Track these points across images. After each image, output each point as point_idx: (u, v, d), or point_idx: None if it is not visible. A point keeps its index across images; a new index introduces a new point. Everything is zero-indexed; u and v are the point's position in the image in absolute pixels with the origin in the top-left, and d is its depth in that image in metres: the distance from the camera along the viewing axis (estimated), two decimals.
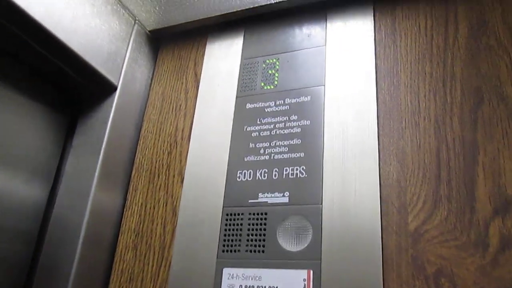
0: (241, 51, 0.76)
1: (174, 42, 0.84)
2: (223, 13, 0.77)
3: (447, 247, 0.52)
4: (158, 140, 0.75)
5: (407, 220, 0.55)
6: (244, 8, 0.76)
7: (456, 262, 0.51)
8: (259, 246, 0.60)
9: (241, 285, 0.59)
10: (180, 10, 0.78)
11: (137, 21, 0.80)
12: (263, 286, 0.58)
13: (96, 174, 0.68)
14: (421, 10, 0.67)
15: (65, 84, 0.73)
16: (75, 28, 0.66)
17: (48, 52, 0.65)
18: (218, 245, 0.63)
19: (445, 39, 0.64)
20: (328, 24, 0.72)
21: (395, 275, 0.53)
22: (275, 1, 0.73)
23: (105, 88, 0.73)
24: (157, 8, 0.78)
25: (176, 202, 0.69)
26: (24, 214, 0.66)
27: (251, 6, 0.75)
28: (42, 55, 0.66)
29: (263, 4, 0.74)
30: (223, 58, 0.77)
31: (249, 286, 0.58)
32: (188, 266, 0.63)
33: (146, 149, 0.76)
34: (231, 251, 0.62)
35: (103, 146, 0.70)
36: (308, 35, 0.73)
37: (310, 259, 0.57)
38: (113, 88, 0.73)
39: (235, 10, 0.76)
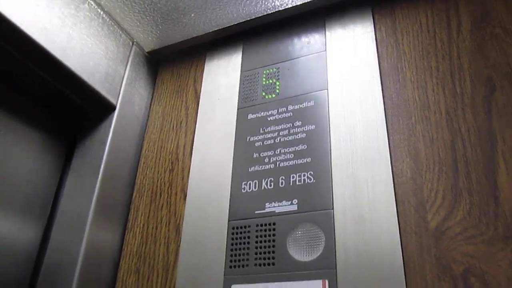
0: (240, 64, 0.75)
1: (173, 62, 0.83)
2: (220, 28, 0.76)
3: (473, 244, 0.48)
4: (159, 158, 0.72)
5: (426, 219, 0.51)
6: (241, 21, 0.75)
7: (485, 259, 0.47)
8: (269, 258, 0.56)
9: None
10: (178, 28, 0.77)
11: (135, 43, 0.80)
12: None
13: (95, 196, 0.65)
14: (421, 8, 0.66)
15: (62, 106, 0.72)
16: (71, 47, 0.65)
17: (43, 71, 0.64)
18: (225, 261, 0.58)
19: (449, 33, 0.62)
20: (327, 30, 0.71)
21: (418, 277, 0.48)
22: (272, 11, 0.73)
23: (103, 108, 0.71)
24: (155, 29, 0.77)
25: (180, 220, 0.65)
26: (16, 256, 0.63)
27: (248, 19, 0.74)
28: (37, 75, 0.65)
29: (260, 15, 0.74)
30: (223, 73, 0.75)
31: None
32: (194, 286, 0.58)
33: (147, 168, 0.73)
34: (239, 266, 0.57)
35: (102, 167, 0.67)
36: (308, 42, 0.71)
37: (324, 268, 0.52)
38: (112, 108, 0.72)
39: (232, 24, 0.76)
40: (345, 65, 0.66)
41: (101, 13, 0.73)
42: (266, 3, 0.72)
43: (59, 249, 0.63)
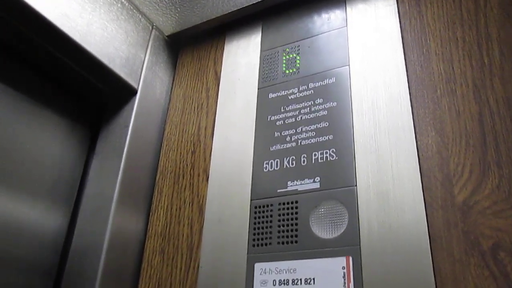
0: (260, 43, 0.74)
1: (192, 44, 0.83)
2: (239, 8, 0.75)
3: (503, 218, 0.46)
4: (181, 141, 0.73)
5: (453, 193, 0.49)
6: (260, 0, 0.74)
7: None
8: (292, 236, 0.56)
9: (275, 280, 0.54)
10: (197, 11, 0.77)
11: (154, 27, 0.80)
12: (299, 279, 0.53)
13: (119, 179, 0.66)
14: None
15: (85, 91, 0.73)
16: (91, 32, 0.66)
17: (64, 55, 0.65)
18: (248, 239, 0.58)
19: (475, 2, 0.59)
20: (348, 6, 0.69)
21: (445, 253, 0.47)
22: None
23: (124, 93, 0.72)
24: (174, 12, 0.77)
25: (202, 201, 0.65)
26: (44, 243, 0.65)
27: None
28: (59, 61, 0.66)
29: None
30: (243, 53, 0.75)
31: (283, 280, 0.53)
32: (217, 265, 0.59)
33: (169, 151, 0.73)
34: (262, 244, 0.57)
35: (125, 150, 0.68)
36: (328, 19, 0.70)
37: (348, 245, 0.52)
38: (133, 92, 0.72)
39: (251, 4, 0.75)
40: (367, 40, 0.64)
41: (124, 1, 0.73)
42: None
43: (86, 233, 0.64)
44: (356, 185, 0.55)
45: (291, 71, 0.68)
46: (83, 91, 0.73)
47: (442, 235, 0.48)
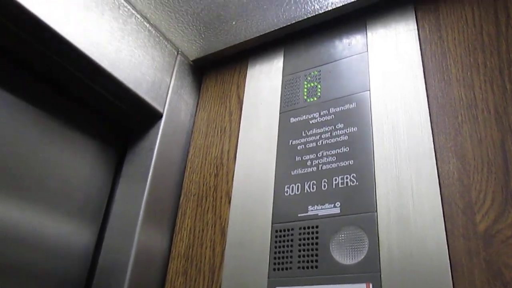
0: (282, 68, 0.76)
1: (216, 69, 0.85)
2: (261, 34, 0.77)
3: None
4: (205, 163, 0.74)
5: (475, 221, 0.49)
6: (282, 26, 0.76)
7: None
8: (312, 261, 0.56)
9: None
10: (220, 36, 0.79)
11: (180, 52, 0.83)
12: None
13: (144, 200, 0.68)
14: (466, 3, 0.63)
15: (113, 115, 0.75)
16: (120, 59, 0.69)
17: (93, 81, 0.68)
18: (269, 263, 0.59)
19: (497, 27, 0.59)
20: (368, 31, 0.70)
21: (467, 282, 0.46)
22: (312, 15, 0.73)
23: (150, 116, 0.75)
24: (198, 38, 0.80)
25: (225, 223, 0.66)
26: (74, 258, 0.67)
27: (289, 23, 0.75)
28: (89, 86, 0.69)
29: (300, 19, 0.74)
30: (265, 78, 0.76)
31: None
32: (237, 283, 0.59)
33: (193, 173, 0.75)
34: (282, 269, 0.58)
35: (150, 173, 0.70)
36: (349, 44, 0.71)
37: (368, 271, 0.52)
38: (159, 116, 0.75)
39: (273, 30, 0.76)
40: (388, 65, 0.65)
41: (147, 25, 0.76)
42: (306, 7, 0.72)
43: (112, 250, 0.66)
44: (376, 211, 0.55)
45: (313, 98, 0.69)
46: (111, 114, 0.76)
47: (464, 264, 0.48)
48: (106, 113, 0.75)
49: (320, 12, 0.73)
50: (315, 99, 0.69)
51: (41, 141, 0.65)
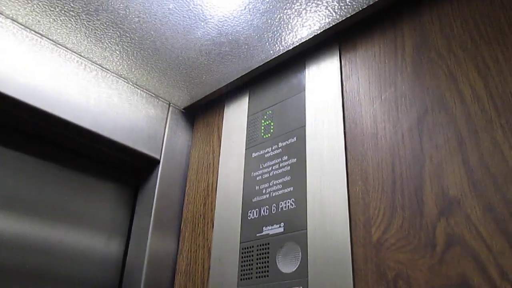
0: (247, 109, 0.91)
1: (203, 113, 1.03)
2: (229, 81, 0.93)
3: (403, 252, 0.58)
4: (196, 195, 0.93)
5: (371, 232, 0.62)
6: (243, 74, 0.91)
7: (410, 265, 0.56)
8: (265, 272, 0.72)
9: None
10: (201, 86, 0.97)
11: (171, 104, 1.02)
12: None
13: (150, 230, 0.88)
14: (375, 38, 0.74)
15: (122, 166, 0.96)
16: (117, 126, 0.89)
17: (99, 146, 0.89)
18: (238, 274, 0.76)
19: (395, 61, 0.70)
20: (306, 71, 0.83)
21: (363, 283, 0.60)
22: (266, 61, 0.87)
23: (149, 163, 0.94)
24: (185, 89, 0.98)
25: (210, 244, 0.84)
26: (107, 267, 0.89)
27: (248, 71, 0.90)
28: (98, 149, 0.90)
29: (257, 65, 0.89)
30: (236, 118, 0.93)
31: None
32: None
33: (189, 204, 0.93)
34: (246, 279, 0.74)
35: (153, 208, 0.90)
36: (292, 85, 0.84)
37: (300, 277, 0.67)
38: (157, 162, 0.94)
39: (238, 77, 0.92)
40: (318, 101, 0.78)
41: (139, 91, 0.96)
42: (256, 57, 0.87)
43: (132, 258, 0.88)
44: (307, 229, 0.69)
45: (267, 135, 0.84)
46: (121, 166, 0.97)
47: (362, 268, 0.61)
48: (117, 165, 0.96)
49: (274, 56, 0.87)
50: (269, 135, 0.84)
51: (84, 192, 0.88)
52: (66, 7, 0.77)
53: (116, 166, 0.97)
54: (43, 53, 0.83)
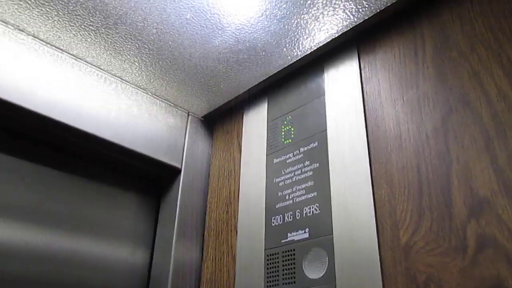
0: (266, 116, 0.91)
1: (222, 121, 1.03)
2: (247, 88, 0.94)
3: (433, 255, 0.57)
4: (218, 203, 0.93)
5: (399, 236, 0.61)
6: (262, 80, 0.91)
7: (441, 268, 0.56)
8: (291, 278, 0.72)
9: None
10: (220, 94, 0.97)
11: (190, 113, 1.02)
12: None
13: (174, 239, 0.88)
14: (394, 41, 0.74)
15: (145, 176, 0.97)
16: (138, 137, 0.90)
17: (122, 157, 0.90)
18: (264, 281, 0.75)
19: (416, 63, 0.69)
20: (325, 75, 0.83)
21: (393, 286, 0.59)
22: (283, 67, 0.87)
23: (170, 173, 0.95)
24: (203, 98, 0.98)
25: (234, 251, 0.84)
26: (133, 277, 0.89)
27: (266, 77, 0.90)
28: (120, 160, 0.91)
29: (275, 71, 0.89)
30: (255, 125, 0.93)
31: None
32: None
33: (212, 212, 0.94)
34: (272, 286, 0.74)
35: (176, 217, 0.90)
36: (311, 89, 0.84)
37: (327, 283, 0.66)
38: (178, 171, 0.95)
39: (256, 83, 0.92)
40: (338, 105, 0.77)
41: (158, 101, 0.97)
42: (274, 63, 0.87)
43: (157, 266, 0.88)
44: (332, 233, 0.69)
45: (288, 140, 0.84)
46: (144, 176, 0.97)
47: (391, 272, 0.60)
48: (139, 176, 0.97)
49: (292, 61, 0.87)
50: (290, 140, 0.84)
51: (102, 202, 0.89)
52: (85, 22, 0.78)
53: (138, 177, 0.98)
54: (64, 68, 0.84)
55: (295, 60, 0.87)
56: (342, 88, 0.78)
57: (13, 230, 0.77)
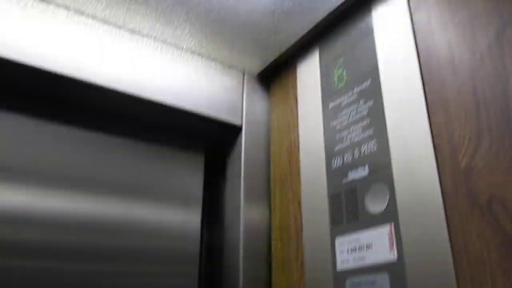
0: (318, 62, 0.91)
1: (277, 74, 1.05)
2: (298, 38, 0.94)
3: (494, 174, 0.56)
4: (281, 154, 0.96)
5: (458, 160, 0.60)
6: (311, 27, 0.91)
7: (504, 186, 0.54)
8: (355, 215, 0.73)
9: (348, 248, 0.73)
10: (271, 49, 0.99)
11: (245, 72, 1.05)
12: (363, 245, 0.70)
13: (242, 193, 0.93)
14: None
15: (209, 137, 1.03)
16: (199, 98, 0.95)
17: (187, 121, 0.95)
18: (329, 221, 0.78)
19: None
20: (373, 12, 0.81)
21: (455, 212, 0.59)
22: (335, 7, 0.86)
23: (232, 130, 0.99)
24: (256, 55, 1.00)
25: (299, 198, 0.87)
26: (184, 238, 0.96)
27: (315, 24, 0.90)
28: (186, 124, 0.97)
29: (320, 18, 0.88)
30: (309, 74, 0.93)
31: (352, 247, 0.72)
32: (313, 241, 0.80)
33: (275, 164, 0.97)
34: (337, 223, 0.76)
35: (242, 172, 0.95)
36: (360, 28, 0.83)
37: (390, 215, 0.67)
38: (239, 128, 0.99)
39: (305, 32, 0.93)
40: (388, 39, 0.76)
41: (213, 63, 1.01)
42: (320, 8, 0.86)
43: (218, 231, 0.94)
44: (391, 167, 0.69)
45: (341, 83, 0.84)
46: (208, 137, 1.03)
47: (453, 198, 0.60)
48: (202, 138, 1.03)
49: (338, 4, 0.86)
50: (343, 83, 0.84)
51: (168, 165, 0.96)
52: None
53: (201, 139, 1.03)
54: (123, 43, 0.90)
55: (340, 2, 0.85)
56: (391, 22, 0.76)
57: (73, 199, 0.86)
